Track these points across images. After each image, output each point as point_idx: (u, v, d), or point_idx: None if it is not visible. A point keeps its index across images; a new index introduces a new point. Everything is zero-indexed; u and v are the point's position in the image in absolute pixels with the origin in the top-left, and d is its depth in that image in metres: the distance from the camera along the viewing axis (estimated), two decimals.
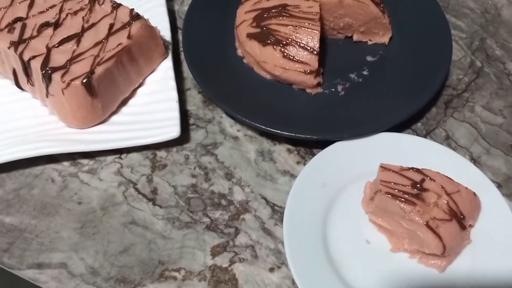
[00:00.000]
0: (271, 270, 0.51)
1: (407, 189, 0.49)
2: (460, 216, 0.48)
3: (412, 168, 0.51)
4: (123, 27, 0.58)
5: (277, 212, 0.54)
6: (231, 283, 0.50)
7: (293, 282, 0.49)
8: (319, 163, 0.55)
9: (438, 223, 0.47)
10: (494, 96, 0.64)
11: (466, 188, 0.50)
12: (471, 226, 0.50)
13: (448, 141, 0.60)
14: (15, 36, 0.57)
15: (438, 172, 0.50)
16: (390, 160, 0.52)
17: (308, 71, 0.59)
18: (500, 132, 0.60)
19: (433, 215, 0.47)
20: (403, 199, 0.48)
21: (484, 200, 0.51)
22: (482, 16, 0.72)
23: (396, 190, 0.49)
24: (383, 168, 0.51)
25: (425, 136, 0.60)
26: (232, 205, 0.55)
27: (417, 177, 0.50)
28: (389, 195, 0.48)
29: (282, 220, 0.51)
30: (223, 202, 0.55)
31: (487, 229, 0.50)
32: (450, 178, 0.50)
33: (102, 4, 0.60)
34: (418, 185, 0.49)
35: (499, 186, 0.56)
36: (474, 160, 0.58)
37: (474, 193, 0.50)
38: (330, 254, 0.50)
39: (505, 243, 0.49)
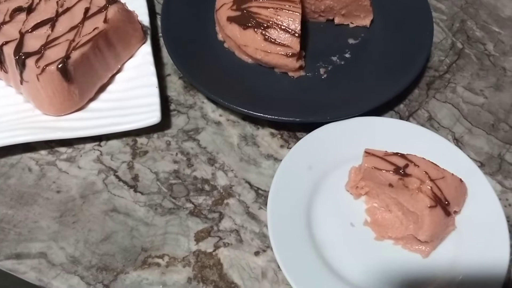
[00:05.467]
0: (256, 253, 0.50)
1: (390, 174, 0.49)
2: (444, 202, 0.47)
3: (397, 153, 0.50)
4: (99, 11, 0.57)
5: (261, 196, 0.54)
6: (216, 268, 0.49)
7: (279, 265, 0.49)
8: (304, 146, 0.54)
9: None
10: (475, 76, 0.64)
11: (452, 174, 0.49)
12: (456, 212, 0.50)
13: (430, 122, 0.60)
14: None
15: (423, 158, 0.50)
16: (375, 144, 0.52)
17: (290, 53, 0.59)
18: (481, 112, 0.61)
19: None
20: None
21: (470, 185, 0.50)
22: None
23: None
24: (367, 153, 0.51)
25: (407, 118, 0.60)
26: (216, 190, 0.54)
27: (401, 163, 0.49)
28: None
29: (266, 204, 0.51)
30: (207, 187, 0.54)
31: (472, 215, 0.50)
32: (435, 164, 0.50)
33: None
34: (401, 171, 0.49)
35: (481, 165, 0.56)
36: (457, 140, 0.58)
37: (461, 179, 0.50)
38: (314, 237, 0.49)
39: (489, 229, 0.49)
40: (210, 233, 0.51)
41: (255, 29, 0.59)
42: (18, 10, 0.56)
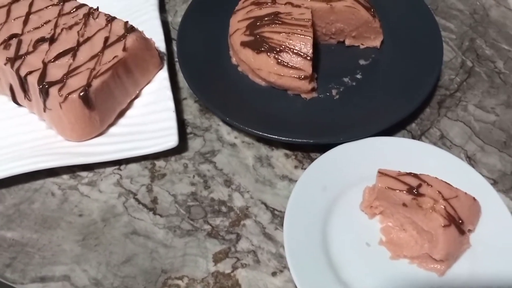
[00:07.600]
0: (274, 274, 0.51)
1: (403, 194, 0.49)
2: (458, 221, 0.48)
3: (410, 173, 0.51)
4: (118, 39, 0.59)
5: (277, 216, 0.55)
6: None
7: (296, 286, 0.49)
8: (319, 167, 0.55)
9: None
10: (486, 94, 0.65)
11: (466, 193, 0.50)
12: (470, 230, 0.50)
13: (442, 140, 0.60)
14: (11, 52, 0.58)
15: (436, 178, 0.51)
16: (388, 164, 0.53)
17: (303, 76, 0.60)
18: (493, 130, 0.61)
19: None
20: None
21: (484, 203, 0.51)
22: (471, 17, 0.73)
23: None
24: (381, 173, 0.52)
25: (420, 137, 0.61)
26: (232, 212, 0.55)
27: (414, 182, 0.50)
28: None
29: (282, 225, 0.51)
30: (223, 208, 0.56)
31: (486, 233, 0.50)
32: (448, 184, 0.50)
33: (96, 18, 0.61)
34: (415, 191, 0.49)
35: (494, 182, 0.57)
36: (469, 158, 0.59)
37: (474, 198, 0.50)
38: (331, 257, 0.50)
39: (504, 247, 0.49)
40: (228, 254, 0.52)
41: (268, 53, 0.61)
42: (41, 40, 0.59)
